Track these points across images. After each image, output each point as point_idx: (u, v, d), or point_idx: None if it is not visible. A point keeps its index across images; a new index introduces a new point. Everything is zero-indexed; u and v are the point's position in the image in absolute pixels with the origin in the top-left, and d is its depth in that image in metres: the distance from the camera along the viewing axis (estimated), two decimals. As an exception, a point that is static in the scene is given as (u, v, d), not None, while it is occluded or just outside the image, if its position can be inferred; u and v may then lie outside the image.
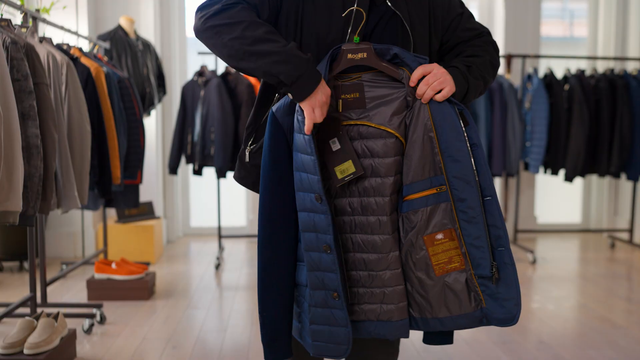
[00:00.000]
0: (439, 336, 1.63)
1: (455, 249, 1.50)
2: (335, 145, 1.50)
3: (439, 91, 1.46)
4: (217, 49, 1.45)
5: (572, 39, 5.84)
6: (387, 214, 1.50)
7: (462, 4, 1.65)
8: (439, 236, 1.50)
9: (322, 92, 1.45)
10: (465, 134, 1.46)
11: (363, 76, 1.51)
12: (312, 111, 1.44)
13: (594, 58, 4.99)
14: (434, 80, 1.46)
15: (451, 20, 1.61)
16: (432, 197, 1.48)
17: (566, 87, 4.61)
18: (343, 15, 1.51)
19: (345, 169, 1.50)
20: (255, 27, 1.42)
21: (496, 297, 1.50)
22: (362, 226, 1.52)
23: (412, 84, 1.47)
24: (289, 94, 1.46)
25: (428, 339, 1.65)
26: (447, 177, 1.47)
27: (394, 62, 1.50)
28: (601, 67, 5.37)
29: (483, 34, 1.64)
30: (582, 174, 4.63)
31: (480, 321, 1.53)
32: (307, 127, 1.44)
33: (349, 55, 1.50)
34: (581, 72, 4.66)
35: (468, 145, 1.46)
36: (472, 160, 1.46)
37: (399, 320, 1.53)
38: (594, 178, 5.59)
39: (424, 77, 1.47)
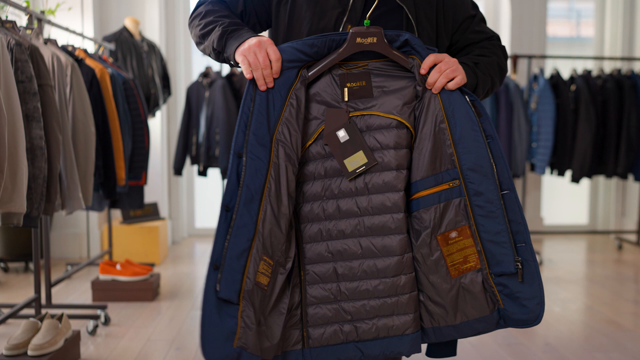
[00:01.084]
0: (443, 348, 1.54)
1: (470, 247, 1.41)
2: (343, 136, 1.41)
3: (451, 80, 1.40)
4: (194, 41, 1.57)
5: (578, 39, 5.81)
6: (402, 210, 1.41)
7: (475, 6, 1.62)
8: (453, 234, 1.41)
9: (251, 40, 1.39)
10: (480, 125, 1.39)
11: (370, 64, 1.44)
12: (244, 59, 1.39)
13: (601, 58, 4.96)
14: (447, 68, 1.40)
15: (462, 21, 1.57)
16: (444, 193, 1.40)
17: (572, 87, 4.58)
18: None
19: (356, 161, 1.41)
20: (208, 15, 1.51)
21: (516, 297, 1.41)
22: (374, 228, 1.42)
23: (423, 71, 1.41)
24: (232, 63, 1.46)
25: (432, 352, 1.55)
26: (462, 169, 1.39)
27: (404, 51, 1.43)
28: (608, 67, 5.33)
29: (493, 38, 1.60)
30: (589, 175, 4.60)
31: (498, 323, 1.45)
32: (245, 73, 1.39)
33: (358, 39, 1.40)
34: (588, 73, 4.63)
35: (484, 135, 1.39)
36: (489, 151, 1.39)
37: (414, 333, 1.42)
38: (601, 179, 5.55)
39: (435, 65, 1.41)
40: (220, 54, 1.48)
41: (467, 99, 1.40)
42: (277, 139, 1.38)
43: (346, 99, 1.42)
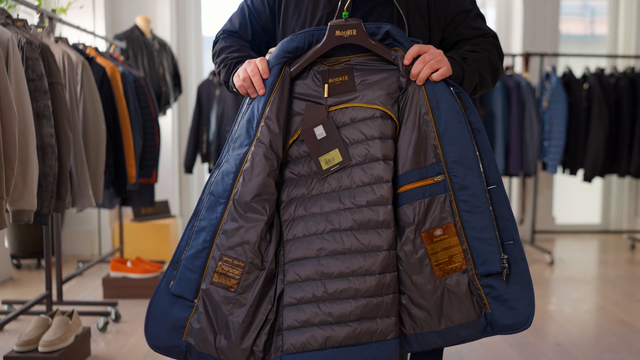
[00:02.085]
0: (428, 358, 1.49)
1: (456, 246, 1.35)
2: (320, 133, 1.39)
3: (435, 71, 1.36)
4: None
5: (592, 37, 5.76)
6: (390, 203, 1.36)
7: (473, 1, 1.57)
8: (438, 232, 1.36)
9: (244, 63, 1.45)
10: (466, 117, 1.35)
11: (352, 59, 1.41)
12: (238, 79, 1.44)
13: (614, 56, 4.91)
14: (431, 59, 1.36)
15: (455, 14, 1.53)
16: (429, 188, 1.36)
17: (585, 85, 4.54)
18: None
19: (331, 159, 1.38)
20: (221, 53, 1.57)
21: (504, 299, 1.35)
22: (360, 222, 1.36)
23: (406, 62, 1.37)
24: (235, 91, 1.52)
25: None
26: (446, 162, 1.35)
27: (386, 43, 1.40)
28: (622, 65, 5.28)
29: (487, 35, 1.54)
30: (602, 174, 4.56)
31: (485, 330, 1.38)
32: (241, 91, 1.44)
33: (337, 32, 1.37)
34: (601, 71, 4.59)
35: (469, 127, 1.34)
36: (475, 144, 1.34)
37: (395, 339, 1.35)
38: (613, 178, 5.50)
39: (419, 56, 1.37)
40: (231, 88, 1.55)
41: (452, 91, 1.36)
42: (257, 139, 1.38)
43: (326, 95, 1.40)
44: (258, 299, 1.39)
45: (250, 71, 1.40)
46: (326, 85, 1.40)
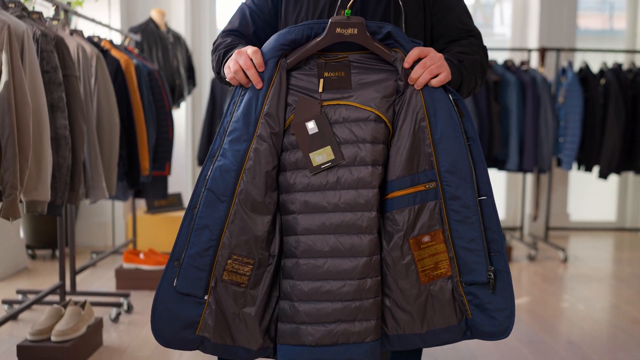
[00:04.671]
0: (407, 355, 1.50)
1: (442, 253, 1.36)
2: (312, 128, 1.35)
3: (435, 77, 1.34)
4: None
5: (611, 32, 5.68)
6: (375, 209, 1.35)
7: None
8: (426, 239, 1.35)
9: (234, 54, 1.40)
10: (462, 126, 1.33)
11: (350, 56, 1.38)
12: (229, 71, 1.39)
13: (632, 52, 4.84)
14: (432, 64, 1.33)
15: (444, 5, 1.51)
16: (420, 195, 1.34)
17: (602, 81, 4.48)
18: None
19: (323, 156, 1.34)
20: (217, 49, 1.53)
21: (485, 308, 1.36)
22: (343, 225, 1.34)
23: (406, 65, 1.34)
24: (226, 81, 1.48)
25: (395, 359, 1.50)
26: (439, 172, 1.33)
27: (386, 43, 1.37)
28: (640, 61, 5.21)
29: (473, 35, 1.53)
30: (617, 171, 4.50)
31: (464, 334, 1.40)
32: (228, 77, 1.40)
33: (338, 30, 1.34)
34: (618, 66, 4.53)
35: (465, 137, 1.32)
36: (469, 154, 1.32)
37: (374, 341, 1.36)
38: (630, 175, 5.44)
39: (419, 59, 1.35)
40: (223, 79, 1.51)
41: (450, 98, 1.34)
42: (258, 135, 1.35)
43: (321, 90, 1.36)
44: (268, 291, 1.40)
45: (243, 64, 1.36)
46: (321, 80, 1.36)
